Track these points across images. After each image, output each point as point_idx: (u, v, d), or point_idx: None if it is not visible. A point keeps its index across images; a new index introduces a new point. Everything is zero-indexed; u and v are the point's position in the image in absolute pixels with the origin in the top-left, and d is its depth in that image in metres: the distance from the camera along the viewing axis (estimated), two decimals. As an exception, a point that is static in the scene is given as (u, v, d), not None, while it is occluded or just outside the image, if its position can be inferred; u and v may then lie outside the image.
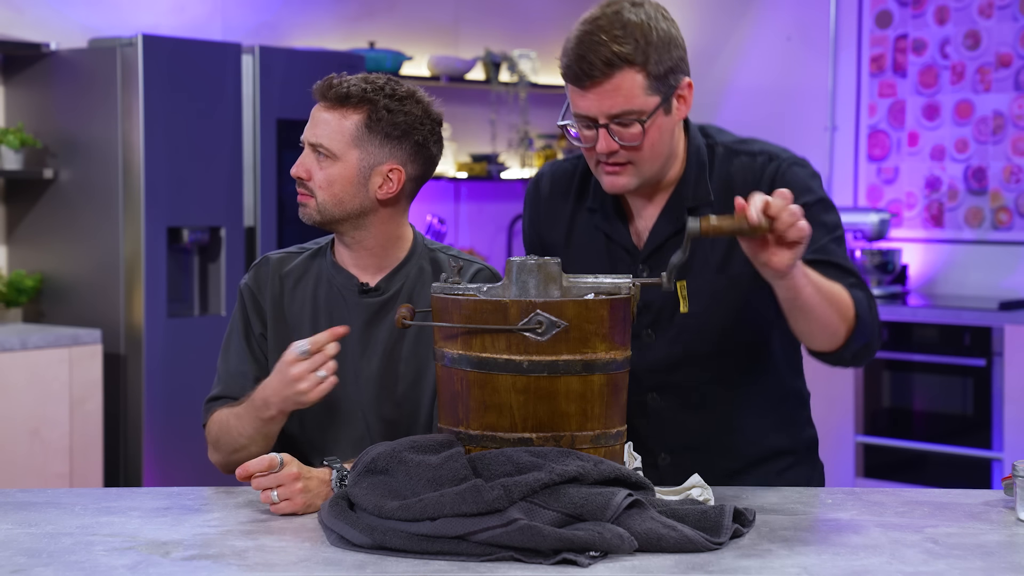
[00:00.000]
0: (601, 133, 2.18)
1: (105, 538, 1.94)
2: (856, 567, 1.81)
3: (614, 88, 2.14)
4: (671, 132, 2.24)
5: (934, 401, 5.84)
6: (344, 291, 2.41)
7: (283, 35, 5.83)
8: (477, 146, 6.56)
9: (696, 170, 2.29)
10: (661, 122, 2.19)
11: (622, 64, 2.13)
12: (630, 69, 2.14)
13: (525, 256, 2.05)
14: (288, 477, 2.08)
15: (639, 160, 2.21)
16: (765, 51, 6.73)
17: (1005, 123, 6.02)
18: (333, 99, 2.35)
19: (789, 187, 2.08)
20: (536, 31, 6.75)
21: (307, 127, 2.39)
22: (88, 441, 4.66)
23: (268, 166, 5.08)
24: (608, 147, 2.18)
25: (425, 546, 1.83)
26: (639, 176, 2.23)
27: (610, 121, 2.17)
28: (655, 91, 2.16)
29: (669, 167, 2.28)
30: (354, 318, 2.40)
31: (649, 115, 2.16)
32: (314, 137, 2.36)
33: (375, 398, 2.38)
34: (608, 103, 2.15)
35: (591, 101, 2.17)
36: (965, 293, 6.08)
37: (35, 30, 5.03)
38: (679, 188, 2.29)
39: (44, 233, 5.00)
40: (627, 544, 1.81)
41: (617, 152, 2.19)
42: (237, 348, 2.44)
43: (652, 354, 2.34)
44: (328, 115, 2.36)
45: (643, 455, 2.33)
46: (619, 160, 2.20)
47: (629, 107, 2.15)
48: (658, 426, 2.37)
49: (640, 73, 2.14)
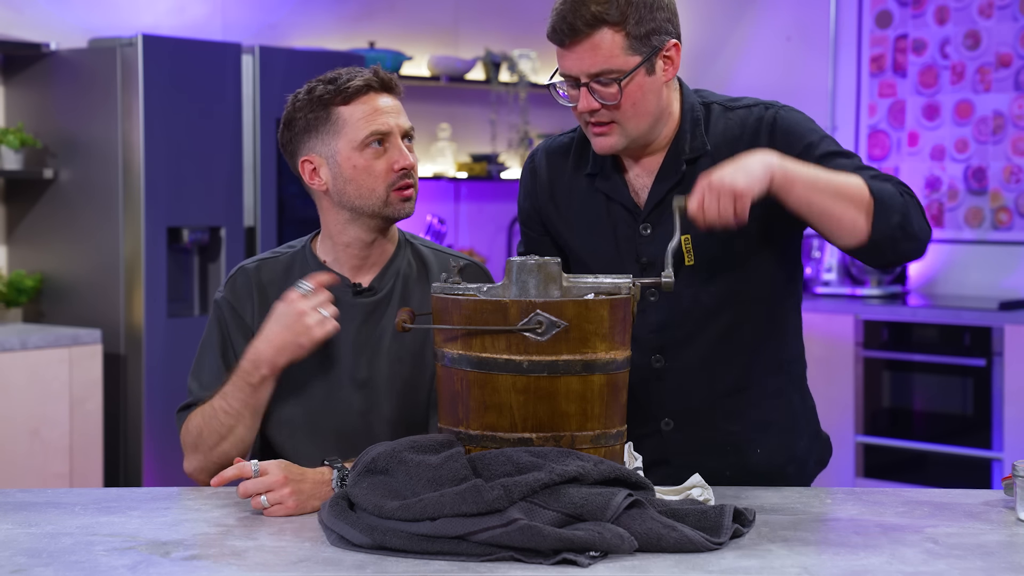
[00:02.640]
0: (582, 92, 2.23)
1: (105, 538, 1.94)
2: (856, 567, 1.81)
3: (593, 47, 2.20)
4: (657, 92, 2.27)
5: (934, 401, 5.84)
6: (336, 292, 2.38)
7: (283, 35, 5.83)
8: (477, 146, 6.56)
9: (691, 125, 2.33)
10: (642, 81, 2.23)
11: (600, 24, 2.19)
12: (608, 28, 2.19)
13: (525, 256, 2.05)
14: (276, 483, 2.08)
15: (622, 119, 2.24)
16: (765, 51, 6.73)
17: (1005, 123, 6.02)
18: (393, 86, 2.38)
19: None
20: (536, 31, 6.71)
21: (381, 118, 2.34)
22: (88, 441, 4.66)
23: (268, 166, 5.08)
24: (588, 105, 2.23)
25: (425, 546, 1.83)
26: (625, 135, 2.27)
27: (590, 80, 2.22)
28: (635, 51, 2.21)
29: (661, 127, 2.31)
30: (349, 319, 2.38)
31: (627, 74, 2.21)
32: (406, 123, 2.37)
33: (373, 398, 2.38)
34: (588, 62, 2.21)
35: (572, 60, 2.22)
36: (965, 293, 6.08)
37: (35, 30, 5.03)
38: (675, 142, 2.33)
39: (44, 233, 5.00)
40: (627, 544, 1.81)
41: (599, 111, 2.24)
42: (212, 364, 2.40)
43: (656, 314, 2.34)
44: (399, 103, 2.38)
45: (646, 422, 2.34)
46: (602, 119, 2.25)
47: (608, 66, 2.20)
48: (660, 390, 2.36)
49: (619, 33, 2.20)
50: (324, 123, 2.36)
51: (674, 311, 2.33)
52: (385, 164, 2.34)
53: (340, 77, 2.36)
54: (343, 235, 2.40)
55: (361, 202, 2.36)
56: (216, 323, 2.42)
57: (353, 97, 2.33)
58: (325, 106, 2.35)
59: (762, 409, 2.39)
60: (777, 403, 2.41)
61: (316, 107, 2.36)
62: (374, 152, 2.34)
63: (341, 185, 2.36)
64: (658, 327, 2.34)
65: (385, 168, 2.34)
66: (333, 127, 2.35)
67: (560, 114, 6.89)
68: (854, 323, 5.78)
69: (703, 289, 2.33)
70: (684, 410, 2.36)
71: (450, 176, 6.26)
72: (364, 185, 2.35)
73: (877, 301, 5.84)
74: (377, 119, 2.33)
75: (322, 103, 2.35)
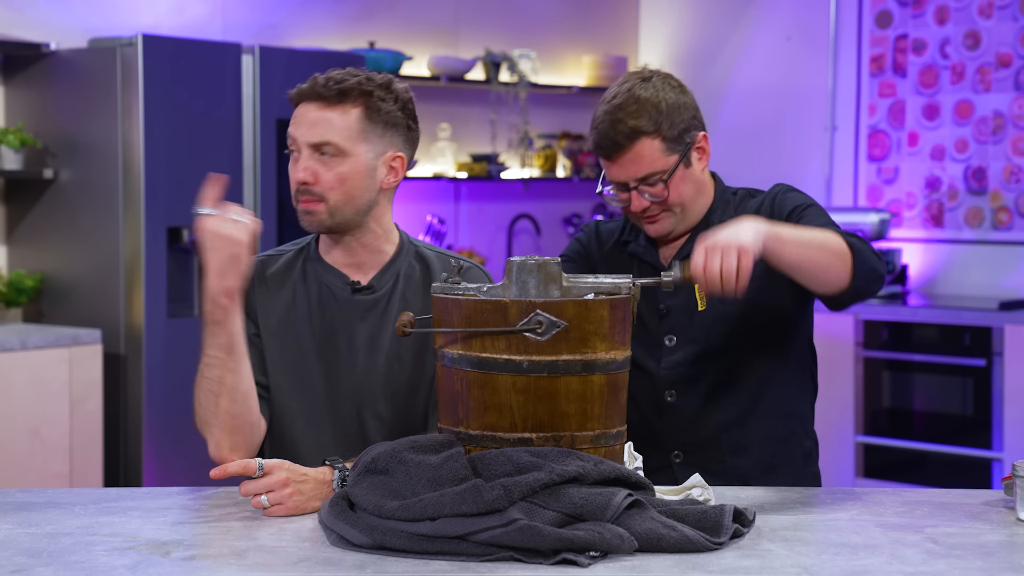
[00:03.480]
0: (633, 195, 2.49)
1: (105, 538, 1.94)
2: (856, 567, 1.81)
3: (636, 156, 2.46)
4: (696, 180, 2.52)
5: (934, 401, 5.84)
6: (335, 290, 2.40)
7: (283, 35, 5.83)
8: (477, 146, 6.56)
9: (720, 204, 2.57)
10: (683, 174, 2.49)
11: (639, 135, 2.45)
12: (646, 138, 2.45)
13: (525, 256, 2.05)
14: (277, 483, 2.08)
15: (672, 208, 2.50)
16: (765, 51, 6.73)
17: (1005, 123, 6.02)
18: (331, 96, 2.34)
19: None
20: (536, 31, 6.74)
21: (300, 129, 2.35)
22: (88, 441, 4.66)
23: (268, 166, 5.08)
24: (640, 205, 2.49)
25: (425, 546, 1.83)
26: (675, 219, 2.52)
27: (638, 183, 2.47)
28: (672, 151, 2.47)
29: (703, 201, 2.55)
30: (348, 317, 2.39)
31: (670, 173, 2.47)
32: (317, 136, 2.33)
33: (371, 396, 2.38)
34: (633, 169, 2.47)
35: (619, 170, 2.48)
36: (965, 293, 6.07)
37: (35, 30, 5.03)
38: (706, 217, 2.56)
39: (44, 233, 4.99)
40: (627, 544, 1.81)
41: (649, 208, 2.49)
42: None
43: (672, 356, 2.53)
44: (329, 113, 2.34)
45: (657, 455, 2.50)
46: (655, 212, 2.50)
47: (652, 169, 2.46)
48: (674, 423, 2.53)
49: (656, 139, 2.45)
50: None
51: (690, 352, 2.52)
52: (292, 174, 2.37)
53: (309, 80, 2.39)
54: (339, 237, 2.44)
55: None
56: None
57: (295, 101, 2.38)
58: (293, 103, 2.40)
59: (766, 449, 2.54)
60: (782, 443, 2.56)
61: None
62: (292, 159, 2.37)
63: None
64: (674, 365, 2.53)
65: (292, 178, 2.37)
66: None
67: (560, 114, 6.90)
68: (854, 323, 5.78)
69: (715, 331, 2.51)
70: (694, 443, 2.52)
71: (450, 176, 6.26)
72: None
73: (877, 301, 5.84)
74: (291, 129, 2.36)
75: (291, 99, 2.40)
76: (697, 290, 2.34)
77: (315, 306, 2.41)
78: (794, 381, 2.58)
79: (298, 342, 2.40)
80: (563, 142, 6.81)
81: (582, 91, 6.77)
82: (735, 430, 2.52)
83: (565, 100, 6.92)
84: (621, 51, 7.09)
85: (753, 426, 2.53)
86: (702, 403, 2.53)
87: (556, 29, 6.85)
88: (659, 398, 2.54)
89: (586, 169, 6.75)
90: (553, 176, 6.73)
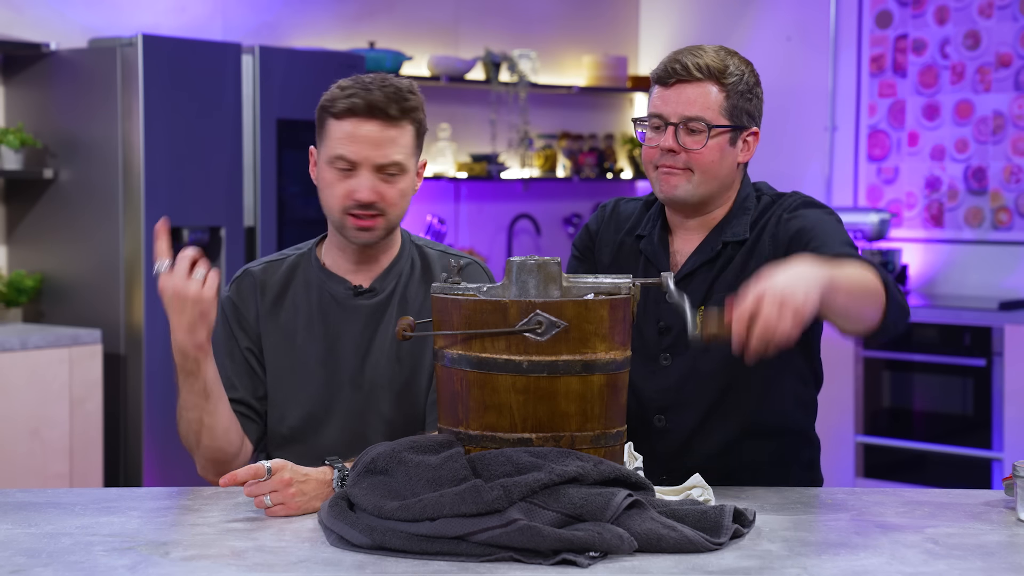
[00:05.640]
0: (669, 131, 2.37)
1: (105, 538, 1.94)
2: (856, 567, 1.81)
3: (696, 93, 2.36)
4: (731, 164, 2.41)
5: (934, 401, 5.83)
6: (337, 295, 2.41)
7: (283, 35, 5.83)
8: (477, 146, 6.56)
9: (739, 212, 2.45)
10: (724, 145, 2.38)
11: (712, 77, 2.36)
12: (715, 84, 2.36)
13: (525, 256, 2.05)
14: (280, 483, 2.08)
15: (697, 169, 2.37)
16: (765, 51, 6.72)
17: (1005, 123, 6.02)
18: (395, 116, 2.31)
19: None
20: (536, 31, 6.74)
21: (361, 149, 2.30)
22: (88, 441, 4.66)
23: (268, 166, 5.08)
24: (671, 144, 2.36)
25: (425, 546, 1.83)
26: (693, 187, 2.38)
27: (681, 122, 2.36)
28: (728, 116, 2.37)
29: (720, 202, 2.43)
30: (350, 321, 2.40)
31: (717, 127, 2.35)
32: (384, 158, 2.31)
33: (375, 399, 2.38)
34: (684, 104, 2.36)
35: (673, 99, 2.37)
36: (965, 293, 6.07)
37: (35, 30, 5.03)
38: (721, 224, 2.45)
39: (44, 233, 4.99)
40: (627, 544, 1.81)
41: (679, 155, 2.36)
42: (221, 363, 2.39)
43: (664, 378, 2.44)
44: (391, 131, 2.31)
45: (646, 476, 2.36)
46: (678, 164, 2.37)
47: (703, 114, 2.35)
48: (662, 448, 2.43)
49: (722, 92, 2.36)
50: (320, 126, 2.37)
51: (680, 375, 2.43)
52: (343, 189, 2.33)
53: (347, 87, 2.32)
54: (335, 236, 2.42)
55: (327, 213, 2.38)
56: (222, 322, 2.44)
57: (339, 115, 2.32)
58: (324, 110, 2.35)
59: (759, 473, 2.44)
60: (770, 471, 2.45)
61: (321, 108, 2.36)
62: (339, 173, 2.33)
63: (319, 188, 2.39)
64: (664, 389, 2.44)
65: (342, 192, 2.33)
66: (323, 133, 2.36)
67: (560, 114, 6.90)
68: (854, 323, 5.77)
69: (706, 357, 2.40)
70: (681, 468, 2.39)
71: (450, 176, 6.26)
72: (325, 199, 2.36)
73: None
74: (348, 146, 2.31)
75: (324, 106, 2.35)
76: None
77: (317, 312, 2.42)
78: (792, 397, 2.47)
79: (302, 350, 2.41)
80: (563, 142, 6.81)
81: (582, 91, 6.77)
82: (726, 456, 2.42)
83: (565, 100, 6.92)
84: (621, 51, 7.09)
85: (745, 451, 2.43)
86: (693, 428, 2.42)
87: (556, 29, 6.85)
88: (648, 422, 2.44)
89: (586, 169, 6.75)
90: (553, 176, 6.73)
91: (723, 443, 2.42)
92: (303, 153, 2.66)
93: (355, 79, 2.35)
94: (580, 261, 2.59)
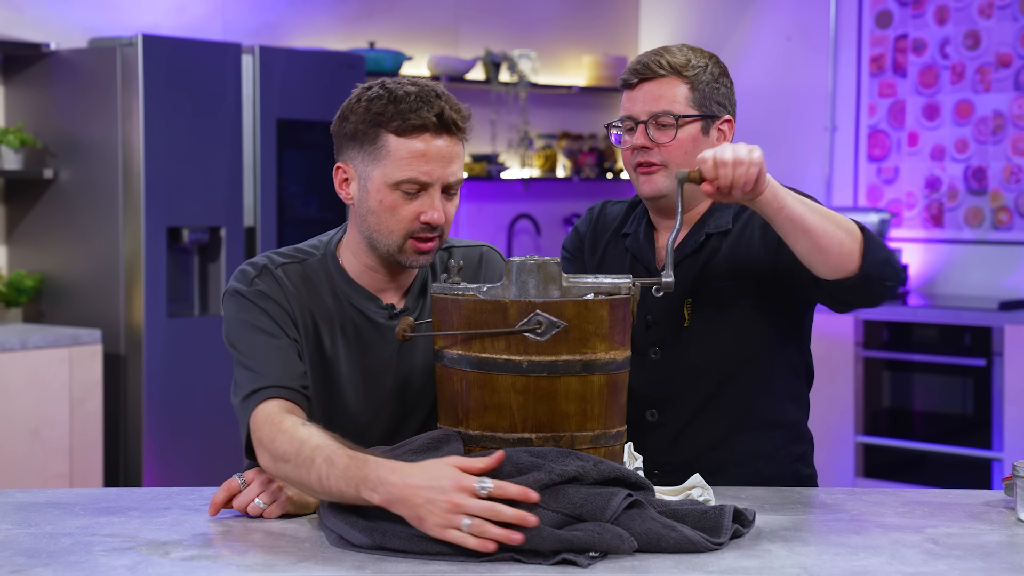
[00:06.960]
0: (639, 129, 2.41)
1: (105, 538, 1.94)
2: (856, 567, 1.81)
3: (660, 89, 2.40)
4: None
5: (934, 401, 5.83)
6: (369, 314, 2.23)
7: (283, 35, 5.83)
8: (477, 146, 6.56)
9: (721, 204, 2.46)
10: (696, 135, 2.41)
11: (674, 73, 2.40)
12: (678, 79, 2.40)
13: (525, 256, 2.05)
14: (262, 483, 2.06)
15: (671, 161, 2.40)
16: (765, 51, 6.73)
17: (1005, 123, 6.02)
18: (462, 132, 2.17)
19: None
20: (536, 31, 6.74)
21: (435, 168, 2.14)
22: (88, 441, 4.66)
23: (268, 166, 5.07)
24: (643, 141, 2.40)
25: (425, 546, 1.83)
26: (670, 179, 2.40)
27: (650, 119, 2.40)
28: (696, 106, 2.40)
29: (701, 195, 2.40)
30: (386, 342, 2.24)
31: (684, 116, 2.39)
32: (454, 176, 2.16)
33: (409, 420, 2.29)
34: (651, 103, 2.40)
35: (639, 98, 2.42)
36: (965, 293, 6.07)
37: (35, 30, 5.03)
38: (703, 218, 2.48)
39: (44, 233, 4.99)
40: (627, 544, 1.81)
41: (651, 151, 2.40)
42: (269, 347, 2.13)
43: (655, 373, 2.45)
44: (457, 147, 2.16)
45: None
46: (652, 159, 2.40)
47: (670, 108, 2.39)
48: (653, 443, 2.43)
49: (686, 85, 2.40)
50: (370, 142, 2.15)
51: (671, 369, 2.44)
52: (412, 212, 2.15)
53: (405, 99, 2.13)
54: (364, 256, 2.23)
55: (378, 237, 2.18)
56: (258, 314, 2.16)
57: (408, 131, 2.12)
58: (377, 125, 2.13)
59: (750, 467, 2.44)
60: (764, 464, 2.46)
61: (369, 121, 2.14)
62: (405, 196, 2.14)
63: (364, 211, 2.18)
64: (655, 383, 2.44)
65: (410, 215, 2.15)
66: (377, 151, 2.14)
67: (560, 114, 6.90)
68: (854, 323, 5.78)
69: (695, 349, 2.43)
70: (673, 465, 2.41)
71: (450, 176, 6.26)
72: (384, 224, 2.16)
73: (877, 301, 5.84)
74: (421, 166, 2.12)
75: (375, 120, 2.13)
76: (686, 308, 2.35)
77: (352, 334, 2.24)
78: (785, 390, 2.47)
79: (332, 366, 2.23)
80: (563, 142, 6.81)
81: (582, 91, 6.77)
82: (718, 450, 2.42)
83: (565, 100, 6.92)
84: (621, 51, 7.09)
85: (737, 444, 2.43)
86: (684, 423, 2.43)
87: (556, 29, 6.85)
88: (640, 417, 2.44)
89: (586, 169, 6.76)
90: (553, 176, 6.73)
91: (715, 437, 2.43)
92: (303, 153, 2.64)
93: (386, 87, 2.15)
94: (570, 263, 2.61)
